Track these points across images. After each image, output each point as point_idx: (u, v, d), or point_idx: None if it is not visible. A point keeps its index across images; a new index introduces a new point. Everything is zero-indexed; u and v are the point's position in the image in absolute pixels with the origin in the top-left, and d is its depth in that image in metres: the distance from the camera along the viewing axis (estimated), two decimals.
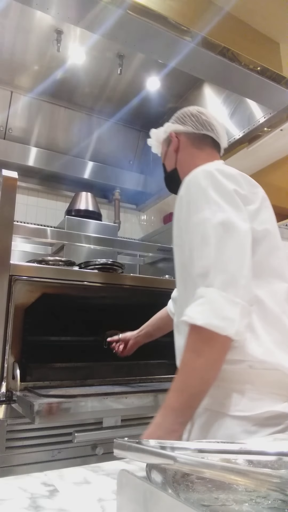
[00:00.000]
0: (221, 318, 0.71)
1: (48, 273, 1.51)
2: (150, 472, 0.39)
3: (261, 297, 0.80)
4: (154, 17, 1.38)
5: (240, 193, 0.83)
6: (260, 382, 0.77)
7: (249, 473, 0.33)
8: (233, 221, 0.77)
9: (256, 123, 1.95)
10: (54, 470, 0.52)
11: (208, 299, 0.73)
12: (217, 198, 0.80)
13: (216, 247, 0.76)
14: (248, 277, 0.75)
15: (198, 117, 1.08)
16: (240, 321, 0.72)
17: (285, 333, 0.78)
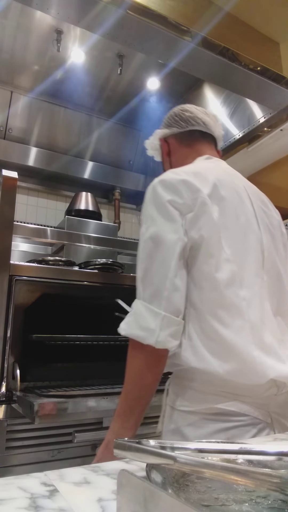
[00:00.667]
0: (141, 329, 0.76)
1: (48, 273, 1.51)
2: (150, 472, 0.39)
3: (197, 305, 0.82)
4: (154, 17, 1.38)
5: (177, 202, 0.84)
6: (204, 380, 0.80)
7: (249, 473, 0.33)
8: (161, 234, 0.81)
9: (256, 123, 1.95)
10: (54, 470, 0.52)
11: (135, 310, 0.80)
12: (152, 212, 0.84)
13: (145, 261, 0.81)
14: (171, 289, 0.78)
15: (181, 115, 1.07)
16: (161, 331, 0.75)
17: (218, 339, 0.79)
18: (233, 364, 0.77)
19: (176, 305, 0.78)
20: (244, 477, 0.32)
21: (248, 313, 0.81)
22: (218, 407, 0.78)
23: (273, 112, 1.85)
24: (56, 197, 2.62)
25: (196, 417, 0.80)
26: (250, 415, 0.78)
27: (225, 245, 0.84)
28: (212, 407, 0.79)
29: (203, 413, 0.79)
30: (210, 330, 0.79)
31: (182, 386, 0.84)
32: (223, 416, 0.78)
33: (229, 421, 0.78)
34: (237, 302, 0.81)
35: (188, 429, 0.80)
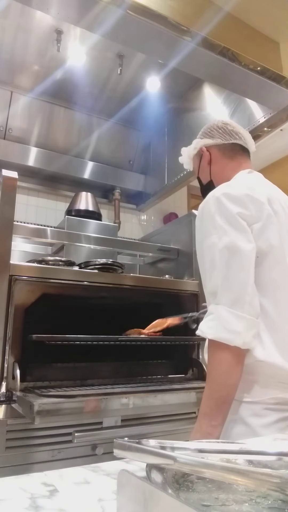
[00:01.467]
0: (228, 332, 0.82)
1: (48, 273, 1.51)
2: (150, 472, 0.40)
3: (265, 306, 0.88)
4: (154, 17, 1.38)
5: (245, 214, 0.90)
6: (267, 374, 0.86)
7: (249, 473, 0.33)
8: (237, 244, 0.87)
9: (256, 123, 1.95)
10: (54, 470, 0.52)
11: (217, 315, 0.85)
12: (222, 223, 0.89)
13: (222, 269, 0.87)
14: (252, 293, 0.85)
15: (224, 129, 1.14)
16: (246, 333, 0.83)
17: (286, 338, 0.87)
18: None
19: (256, 308, 0.86)
20: (244, 477, 0.32)
21: None
22: (280, 396, 0.85)
23: (273, 112, 1.85)
24: (56, 197, 2.62)
25: (259, 407, 0.86)
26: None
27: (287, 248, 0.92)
28: (274, 396, 0.85)
29: (265, 403, 0.86)
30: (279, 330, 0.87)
31: (244, 380, 0.88)
32: (283, 405, 0.85)
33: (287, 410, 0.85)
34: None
35: (251, 418, 0.86)
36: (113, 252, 2.22)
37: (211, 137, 1.15)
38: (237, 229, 0.88)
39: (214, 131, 1.15)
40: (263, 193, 0.96)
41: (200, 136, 1.18)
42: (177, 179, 2.54)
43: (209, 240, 0.91)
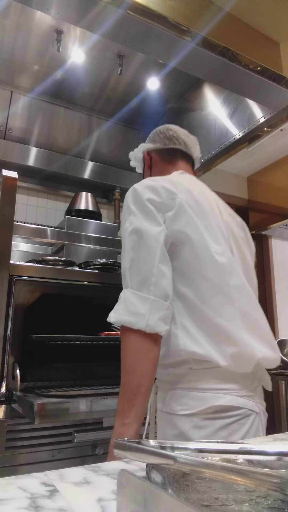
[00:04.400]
0: (131, 314, 0.79)
1: (48, 273, 1.51)
2: (150, 472, 0.40)
3: (187, 295, 0.87)
4: (154, 17, 1.38)
5: (156, 200, 0.91)
6: (201, 381, 0.83)
7: (249, 473, 0.33)
8: (144, 227, 0.87)
9: (256, 123, 1.95)
10: (54, 470, 0.52)
11: (123, 298, 0.83)
12: (134, 209, 0.91)
13: (130, 252, 0.86)
14: (158, 275, 0.82)
15: (165, 133, 1.17)
16: (150, 315, 0.78)
17: (212, 326, 0.84)
18: (226, 347, 0.82)
19: (164, 290, 0.82)
20: (244, 477, 0.32)
21: (238, 301, 0.87)
22: (218, 404, 0.81)
23: (273, 112, 1.85)
24: (56, 197, 2.62)
25: (198, 419, 0.81)
26: (245, 407, 0.83)
27: (211, 241, 0.90)
28: (212, 405, 0.81)
29: (204, 413, 0.81)
30: (203, 318, 0.84)
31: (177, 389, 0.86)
32: (222, 412, 0.81)
33: (228, 417, 0.81)
34: (227, 291, 0.87)
35: (192, 431, 0.81)
36: (113, 252, 2.22)
37: (153, 142, 1.18)
38: (145, 213, 0.89)
39: (156, 136, 1.18)
40: (184, 185, 0.97)
41: (146, 140, 1.22)
42: None
43: (123, 227, 0.92)
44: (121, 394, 0.79)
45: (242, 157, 3.24)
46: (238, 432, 0.80)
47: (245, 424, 0.81)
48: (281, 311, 3.53)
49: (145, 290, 0.81)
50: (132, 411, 0.77)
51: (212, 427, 0.80)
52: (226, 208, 1.11)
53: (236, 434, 0.80)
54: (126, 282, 0.85)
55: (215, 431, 0.80)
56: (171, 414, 0.85)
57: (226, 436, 0.79)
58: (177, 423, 0.84)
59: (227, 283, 0.87)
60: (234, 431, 0.80)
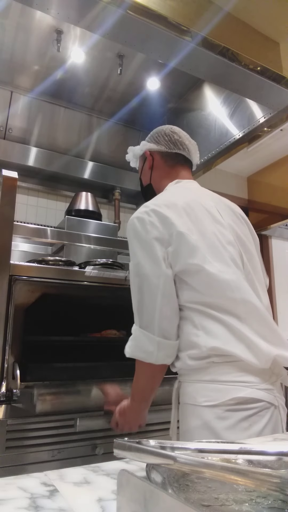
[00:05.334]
0: (143, 352, 0.94)
1: (48, 273, 1.51)
2: (150, 472, 0.40)
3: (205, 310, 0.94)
4: (154, 17, 1.38)
5: (156, 235, 0.96)
6: (222, 373, 0.89)
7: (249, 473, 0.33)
8: (146, 271, 0.94)
9: (256, 123, 1.95)
10: (54, 470, 0.52)
11: (134, 336, 0.96)
12: (135, 249, 0.97)
13: (137, 294, 0.96)
14: (160, 318, 0.92)
15: (170, 137, 1.18)
16: (158, 353, 0.92)
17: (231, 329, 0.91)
18: (243, 346, 0.88)
19: (167, 330, 0.93)
20: (244, 477, 0.32)
21: (246, 312, 0.93)
22: (239, 396, 0.86)
23: (273, 112, 1.85)
24: (56, 197, 2.62)
25: (220, 410, 0.87)
26: (265, 400, 0.88)
27: (213, 261, 0.95)
28: (234, 397, 0.87)
29: (226, 404, 0.87)
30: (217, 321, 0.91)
31: (200, 382, 0.93)
32: (243, 404, 0.86)
33: (249, 409, 0.86)
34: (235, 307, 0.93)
35: (215, 421, 0.87)
36: (113, 252, 2.22)
37: (157, 143, 1.19)
38: (146, 252, 0.95)
39: (161, 137, 1.18)
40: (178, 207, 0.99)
41: (148, 139, 1.22)
42: None
43: (131, 262, 0.99)
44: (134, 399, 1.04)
45: (242, 157, 3.24)
46: (257, 424, 0.85)
47: (264, 416, 0.86)
48: (281, 311, 3.53)
49: (151, 329, 0.93)
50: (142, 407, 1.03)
51: (234, 418, 0.86)
52: (226, 206, 1.12)
53: (256, 425, 0.85)
54: (136, 319, 0.97)
55: (236, 422, 0.85)
56: (195, 406, 0.91)
57: (247, 427, 0.85)
58: (201, 414, 0.90)
59: (234, 298, 0.92)
60: (254, 423, 0.85)
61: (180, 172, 1.18)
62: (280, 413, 0.91)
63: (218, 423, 0.86)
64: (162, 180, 1.17)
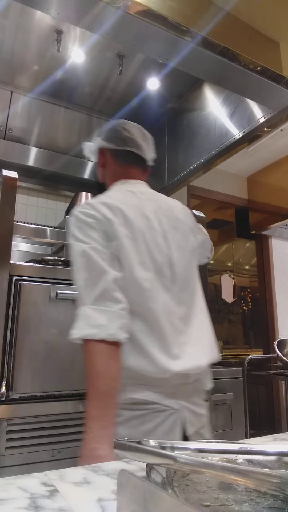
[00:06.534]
0: (92, 327, 0.85)
1: (48, 273, 1.51)
2: (150, 472, 0.40)
3: None
4: (154, 17, 1.38)
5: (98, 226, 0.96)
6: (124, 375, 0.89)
7: (249, 473, 0.33)
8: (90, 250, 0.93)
9: (256, 123, 1.95)
10: (54, 470, 0.52)
11: (82, 315, 0.88)
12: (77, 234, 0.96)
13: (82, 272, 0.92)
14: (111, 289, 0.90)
15: (120, 133, 1.13)
16: (110, 325, 0.85)
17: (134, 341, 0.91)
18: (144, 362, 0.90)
19: (118, 300, 0.90)
20: (244, 477, 0.32)
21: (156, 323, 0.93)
22: (133, 397, 0.90)
23: (273, 112, 1.85)
24: (56, 197, 2.62)
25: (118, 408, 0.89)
26: (159, 403, 0.91)
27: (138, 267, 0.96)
28: (130, 397, 0.90)
29: (122, 403, 0.90)
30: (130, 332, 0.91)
31: None
32: (138, 405, 0.90)
33: (142, 409, 0.90)
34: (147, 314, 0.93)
35: None
36: None
37: (108, 140, 1.15)
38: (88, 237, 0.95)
39: (112, 134, 1.15)
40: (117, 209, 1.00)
41: (102, 136, 1.18)
42: (177, 179, 2.54)
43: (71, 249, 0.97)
44: (94, 399, 0.82)
45: (242, 157, 3.24)
46: (149, 423, 0.89)
47: (158, 417, 0.90)
48: (281, 311, 3.53)
49: (101, 303, 0.88)
50: (108, 413, 0.82)
51: (126, 415, 0.90)
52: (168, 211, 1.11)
53: (147, 424, 0.89)
54: (82, 299, 0.91)
55: (128, 419, 0.90)
56: None
57: (137, 425, 0.89)
58: None
59: (147, 306, 0.94)
60: (146, 422, 0.89)
61: (130, 171, 1.15)
62: (184, 416, 0.93)
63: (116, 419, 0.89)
64: (112, 178, 1.15)
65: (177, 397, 0.94)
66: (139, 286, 0.94)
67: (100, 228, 0.96)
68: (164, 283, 1.00)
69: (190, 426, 0.94)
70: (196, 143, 2.38)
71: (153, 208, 1.07)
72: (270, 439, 0.73)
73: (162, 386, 0.92)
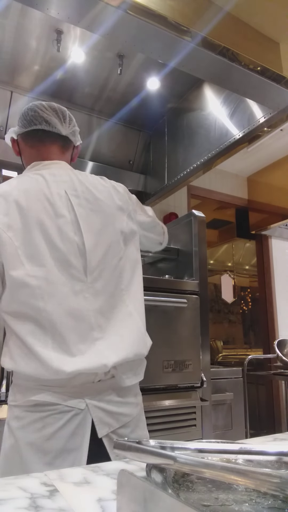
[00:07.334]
0: None
1: None
2: (150, 472, 0.40)
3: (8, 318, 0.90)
4: (154, 17, 1.38)
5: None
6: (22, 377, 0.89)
7: (249, 473, 0.33)
8: None
9: (256, 123, 1.95)
10: (54, 470, 0.52)
11: None
12: None
13: None
14: None
15: (25, 115, 1.05)
16: None
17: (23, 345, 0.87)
18: (35, 365, 0.85)
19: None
20: (244, 477, 0.32)
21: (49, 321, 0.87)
22: (33, 399, 0.86)
23: (273, 112, 1.85)
24: None
25: (19, 410, 0.88)
26: (61, 403, 0.86)
27: (26, 262, 0.88)
28: (29, 399, 0.86)
29: (24, 405, 0.87)
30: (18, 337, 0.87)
31: (13, 383, 0.93)
32: (39, 407, 0.86)
33: (44, 411, 0.86)
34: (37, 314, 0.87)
35: (12, 421, 0.88)
36: None
37: (19, 125, 1.07)
38: None
39: (20, 118, 1.07)
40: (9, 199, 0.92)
41: None
42: (177, 179, 2.54)
43: None
44: None
45: (242, 157, 3.24)
46: (52, 426, 0.85)
47: (61, 419, 0.85)
48: (281, 311, 3.53)
49: None
50: None
51: (29, 418, 0.86)
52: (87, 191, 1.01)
53: (50, 427, 0.85)
54: None
55: (30, 422, 0.86)
56: (9, 405, 0.92)
57: (40, 428, 0.85)
58: (7, 412, 0.92)
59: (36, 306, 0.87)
60: (48, 424, 0.85)
61: (42, 151, 1.05)
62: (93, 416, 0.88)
63: (14, 423, 0.87)
64: (27, 163, 1.06)
65: (84, 396, 0.88)
66: (24, 285, 0.87)
67: None
68: (71, 274, 0.91)
69: (103, 426, 0.88)
70: (196, 143, 2.38)
71: (63, 190, 0.97)
72: (270, 439, 0.73)
73: (63, 386, 0.87)
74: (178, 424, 1.70)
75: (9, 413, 0.91)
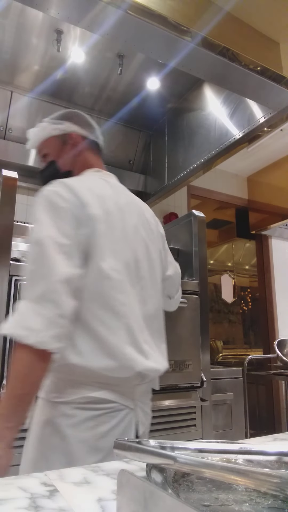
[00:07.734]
0: (24, 328, 0.76)
1: None
2: (150, 472, 0.40)
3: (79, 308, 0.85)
4: (154, 17, 1.38)
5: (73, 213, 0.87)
6: (81, 373, 0.85)
7: (249, 473, 0.33)
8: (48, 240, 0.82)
9: (256, 123, 1.95)
10: (54, 470, 0.52)
11: (18, 311, 0.79)
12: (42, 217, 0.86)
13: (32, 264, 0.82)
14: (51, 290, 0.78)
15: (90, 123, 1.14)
16: (45, 332, 0.76)
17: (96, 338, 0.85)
18: (108, 361, 0.84)
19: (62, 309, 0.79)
20: (244, 477, 0.32)
21: (125, 316, 0.88)
22: (90, 395, 0.84)
23: (273, 112, 1.85)
24: None
25: (68, 407, 0.84)
26: (117, 402, 0.86)
27: (107, 257, 0.89)
28: (85, 396, 0.84)
29: (75, 402, 0.84)
30: (90, 329, 0.85)
31: (59, 378, 0.88)
32: (93, 404, 0.84)
33: (98, 409, 0.84)
34: (116, 306, 0.87)
35: (60, 419, 0.83)
36: None
37: (81, 126, 1.08)
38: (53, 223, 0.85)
39: (83, 121, 1.10)
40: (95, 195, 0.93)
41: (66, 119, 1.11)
42: (177, 179, 2.54)
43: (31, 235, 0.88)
44: (8, 399, 0.78)
45: (242, 157, 3.24)
46: (105, 424, 0.83)
47: (114, 418, 0.85)
48: (281, 311, 3.53)
49: (40, 304, 0.78)
50: (16, 416, 0.77)
51: (80, 416, 0.83)
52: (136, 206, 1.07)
53: (103, 425, 0.83)
54: (24, 292, 0.82)
55: (82, 420, 0.83)
56: (46, 400, 0.87)
57: (93, 427, 0.82)
58: (48, 409, 0.86)
59: (116, 298, 0.87)
60: (101, 423, 0.83)
61: (100, 162, 1.14)
62: (138, 416, 0.90)
63: (62, 421, 0.83)
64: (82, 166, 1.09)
65: (134, 396, 0.90)
66: (107, 276, 0.87)
67: (71, 213, 0.87)
68: (131, 278, 0.93)
69: (142, 426, 0.91)
70: (196, 143, 2.38)
71: (125, 201, 1.02)
72: (270, 439, 0.73)
73: (120, 385, 0.87)
74: (178, 424, 1.70)
75: (52, 410, 0.85)
